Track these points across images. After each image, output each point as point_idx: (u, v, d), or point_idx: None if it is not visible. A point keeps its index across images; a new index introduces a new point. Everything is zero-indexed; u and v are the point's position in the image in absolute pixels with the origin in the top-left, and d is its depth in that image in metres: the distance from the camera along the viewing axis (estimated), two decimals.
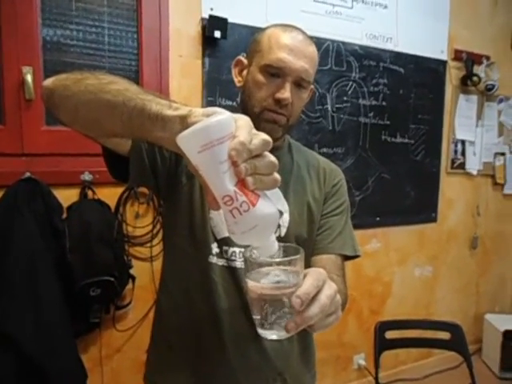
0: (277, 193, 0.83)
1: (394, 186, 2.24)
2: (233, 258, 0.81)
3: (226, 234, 0.80)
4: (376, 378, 1.56)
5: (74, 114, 0.59)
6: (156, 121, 0.49)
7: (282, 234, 0.83)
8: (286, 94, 0.77)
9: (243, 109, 0.84)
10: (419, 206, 2.36)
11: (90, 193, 1.47)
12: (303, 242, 0.86)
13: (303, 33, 0.82)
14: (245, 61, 0.85)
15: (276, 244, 0.52)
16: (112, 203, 1.52)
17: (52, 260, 1.32)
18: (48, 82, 0.62)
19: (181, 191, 0.82)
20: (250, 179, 0.45)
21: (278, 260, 0.52)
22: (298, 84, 0.80)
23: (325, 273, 0.53)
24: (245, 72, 0.84)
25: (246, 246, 0.53)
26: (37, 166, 1.40)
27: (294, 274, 0.51)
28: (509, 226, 2.78)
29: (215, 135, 0.43)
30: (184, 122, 0.47)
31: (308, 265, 0.92)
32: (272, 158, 0.46)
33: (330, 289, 0.52)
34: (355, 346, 2.23)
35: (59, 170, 1.44)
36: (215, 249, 0.81)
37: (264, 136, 0.46)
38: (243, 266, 0.80)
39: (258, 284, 0.51)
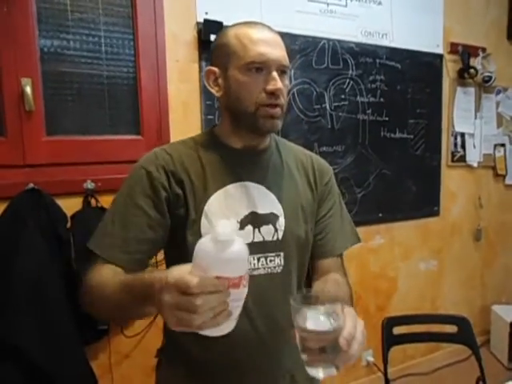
0: (270, 197, 0.84)
1: (395, 182, 2.25)
2: None
3: None
4: (385, 374, 1.56)
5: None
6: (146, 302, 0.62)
7: (280, 237, 0.83)
8: (277, 84, 0.77)
9: (232, 115, 0.83)
10: (421, 200, 2.36)
11: (93, 201, 1.48)
12: (302, 243, 0.88)
13: (264, 24, 0.83)
14: (215, 69, 0.83)
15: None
16: None
17: (58, 269, 1.33)
18: (84, 302, 0.76)
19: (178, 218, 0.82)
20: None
21: (323, 307, 0.59)
22: (281, 72, 0.80)
23: (354, 312, 0.61)
24: (220, 80, 0.82)
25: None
26: (39, 176, 1.41)
27: (336, 318, 0.57)
28: None
29: None
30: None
31: (311, 266, 0.94)
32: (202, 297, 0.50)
33: (360, 325, 0.60)
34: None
35: (62, 179, 1.45)
36: None
37: (185, 285, 0.50)
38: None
39: (307, 327, 0.57)
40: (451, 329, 1.59)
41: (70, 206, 1.44)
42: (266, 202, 0.83)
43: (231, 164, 0.83)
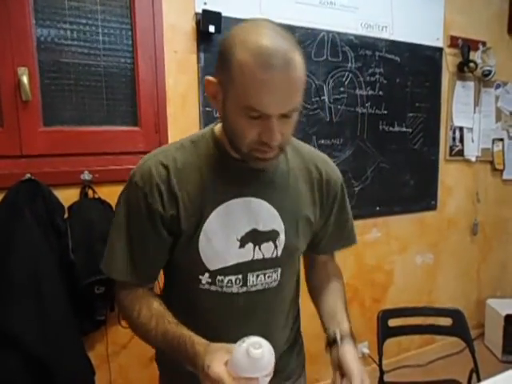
0: (272, 213, 0.81)
1: (393, 176, 2.25)
2: (229, 285, 0.80)
3: (221, 266, 0.78)
4: (380, 366, 1.58)
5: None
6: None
7: (279, 255, 0.83)
8: (273, 137, 0.67)
9: (230, 141, 0.75)
10: (419, 194, 2.37)
11: (90, 192, 1.48)
12: (299, 254, 0.90)
13: (282, 44, 0.64)
14: (214, 80, 0.70)
15: None
16: (112, 201, 1.52)
17: (55, 260, 1.33)
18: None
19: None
20: None
21: None
22: (286, 115, 0.68)
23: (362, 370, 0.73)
24: (219, 97, 0.70)
25: None
26: (36, 167, 1.41)
27: None
28: (509, 211, 2.78)
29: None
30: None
31: (307, 255, 0.98)
32: None
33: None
34: (358, 334, 2.22)
35: (59, 170, 1.45)
36: (206, 279, 0.80)
37: None
38: (240, 291, 0.81)
39: None
40: (446, 321, 1.61)
41: (67, 196, 1.44)
42: (268, 218, 0.80)
43: (233, 176, 0.78)
